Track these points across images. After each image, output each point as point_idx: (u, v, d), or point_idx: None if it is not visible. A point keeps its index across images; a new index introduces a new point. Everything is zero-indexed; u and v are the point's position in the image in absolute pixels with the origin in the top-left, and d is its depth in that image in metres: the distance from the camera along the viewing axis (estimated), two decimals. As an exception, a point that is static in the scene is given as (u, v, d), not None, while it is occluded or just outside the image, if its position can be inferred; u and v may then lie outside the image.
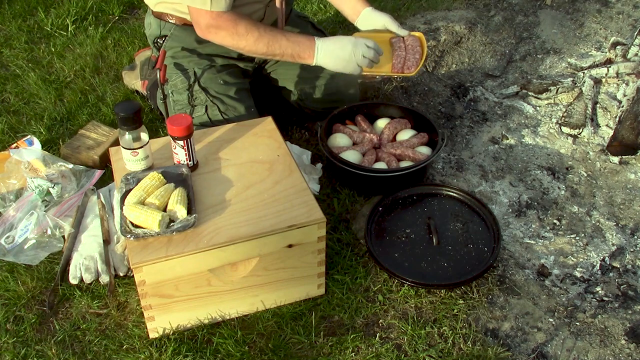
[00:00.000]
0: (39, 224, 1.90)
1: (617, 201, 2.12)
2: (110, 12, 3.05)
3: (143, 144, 1.69)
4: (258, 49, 1.93)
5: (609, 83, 2.46)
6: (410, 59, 2.10)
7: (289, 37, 1.95)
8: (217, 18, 1.87)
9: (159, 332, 1.66)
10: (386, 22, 2.18)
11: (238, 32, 1.89)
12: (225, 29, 1.89)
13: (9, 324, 1.72)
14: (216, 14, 1.86)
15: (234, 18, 1.89)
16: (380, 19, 2.19)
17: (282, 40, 1.93)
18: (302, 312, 1.73)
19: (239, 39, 1.90)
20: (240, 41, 1.91)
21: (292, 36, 1.96)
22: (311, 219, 1.62)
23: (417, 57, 2.10)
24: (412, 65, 2.09)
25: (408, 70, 2.09)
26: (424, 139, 2.17)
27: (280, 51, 1.94)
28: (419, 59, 2.10)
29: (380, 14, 2.19)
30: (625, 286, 1.83)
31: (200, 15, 1.88)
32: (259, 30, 1.91)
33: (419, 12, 3.03)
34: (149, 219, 1.53)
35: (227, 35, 1.90)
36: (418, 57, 2.11)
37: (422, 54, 2.13)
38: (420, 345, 1.66)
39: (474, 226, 1.94)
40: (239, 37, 1.90)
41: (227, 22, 1.88)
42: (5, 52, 2.78)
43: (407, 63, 2.10)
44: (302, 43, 1.95)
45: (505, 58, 2.77)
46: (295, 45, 1.95)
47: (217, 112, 2.06)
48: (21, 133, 2.31)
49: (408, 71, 2.09)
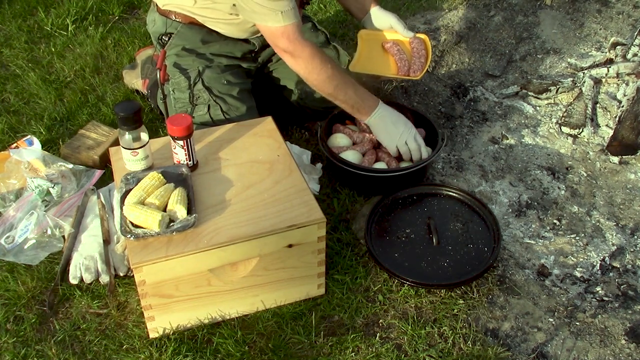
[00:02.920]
0: (39, 224, 1.90)
1: (617, 201, 2.12)
2: (110, 12, 3.04)
3: (143, 144, 1.69)
4: (324, 88, 1.95)
5: (609, 83, 2.46)
6: (416, 63, 2.13)
7: (356, 90, 1.98)
8: (296, 43, 1.86)
9: (159, 332, 1.66)
10: (392, 22, 2.20)
11: (313, 66, 1.90)
12: (301, 58, 1.89)
13: (9, 324, 1.72)
14: (292, 36, 1.84)
15: (312, 50, 1.88)
16: (386, 19, 2.21)
17: (350, 89, 1.96)
18: (302, 312, 1.73)
19: (310, 72, 1.91)
20: (311, 74, 1.92)
21: (360, 89, 1.99)
22: (311, 219, 1.62)
23: (423, 61, 2.13)
24: (417, 69, 2.11)
25: (414, 74, 2.11)
26: (422, 135, 2.17)
27: (344, 99, 1.97)
28: (424, 63, 2.12)
29: (387, 14, 2.21)
30: (625, 286, 1.83)
31: (276, 37, 1.87)
32: (333, 70, 1.92)
33: (419, 12, 3.03)
34: (149, 219, 1.53)
35: (301, 65, 1.90)
36: (423, 60, 2.13)
37: (427, 57, 2.15)
38: (420, 345, 1.66)
39: (474, 226, 1.94)
40: (312, 70, 1.91)
41: (305, 52, 1.88)
42: (5, 52, 2.78)
43: (413, 67, 2.12)
44: (366, 101, 2.00)
45: (505, 58, 2.77)
46: (360, 100, 1.99)
47: (219, 112, 2.06)
48: (21, 133, 2.31)
49: (414, 75, 2.11)
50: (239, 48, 2.13)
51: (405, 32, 2.20)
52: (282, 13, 1.81)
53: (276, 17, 1.82)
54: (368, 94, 2.02)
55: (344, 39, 2.84)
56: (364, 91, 2.01)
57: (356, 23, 2.88)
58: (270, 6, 1.80)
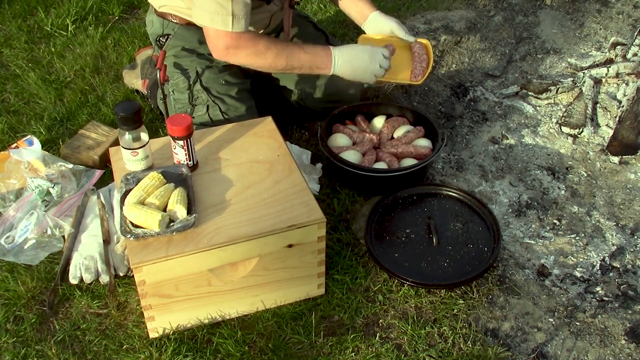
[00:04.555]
0: (39, 224, 1.90)
1: (617, 201, 2.12)
2: (110, 12, 3.04)
3: (143, 144, 1.69)
4: (278, 64, 1.94)
5: (609, 83, 2.46)
6: (417, 67, 2.11)
7: (306, 50, 1.96)
8: (237, 39, 1.87)
9: (159, 332, 1.66)
10: (393, 27, 2.18)
11: (258, 51, 1.90)
12: (245, 48, 1.89)
13: (9, 324, 1.72)
14: (236, 34, 1.85)
15: (253, 37, 1.89)
16: (387, 24, 2.19)
17: (300, 53, 1.94)
18: (302, 312, 1.73)
19: (258, 57, 1.91)
20: (259, 59, 1.92)
21: (309, 48, 1.97)
22: (311, 219, 1.62)
23: (424, 66, 2.12)
24: (418, 73, 2.10)
25: (415, 78, 2.10)
26: (421, 132, 2.17)
27: (299, 64, 1.96)
28: (426, 68, 2.11)
29: (388, 19, 2.19)
30: (625, 286, 1.83)
31: (218, 37, 1.87)
32: (277, 46, 1.92)
33: (419, 12, 3.03)
34: (149, 219, 1.53)
35: (248, 54, 1.90)
36: (425, 65, 2.12)
37: (428, 62, 2.14)
38: (420, 345, 1.66)
39: (474, 226, 1.94)
40: (259, 55, 1.91)
41: (247, 42, 1.88)
42: (5, 52, 2.78)
43: (414, 71, 2.11)
44: (319, 54, 1.97)
45: (505, 58, 2.77)
46: (313, 56, 1.96)
47: (218, 112, 2.06)
48: (21, 133, 2.31)
49: (415, 80, 2.10)
50: None
51: (406, 36, 2.18)
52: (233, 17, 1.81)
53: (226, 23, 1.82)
54: (317, 47, 1.99)
55: (344, 39, 2.84)
56: (313, 47, 1.98)
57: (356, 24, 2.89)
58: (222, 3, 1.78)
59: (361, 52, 1.99)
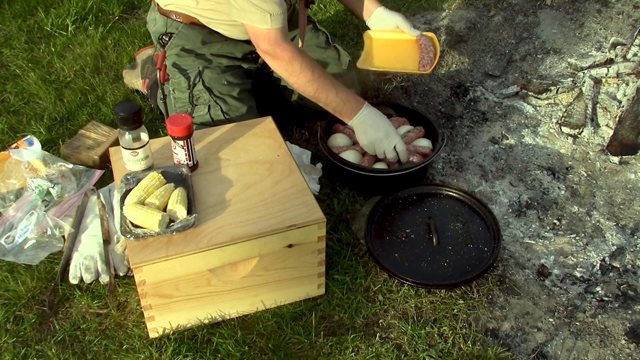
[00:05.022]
0: (39, 224, 1.90)
1: (617, 201, 2.12)
2: (110, 12, 3.04)
3: (143, 144, 1.69)
4: (305, 90, 1.95)
5: (609, 83, 2.46)
6: (425, 58, 2.17)
7: (338, 92, 1.96)
8: (276, 46, 1.87)
9: (159, 332, 1.66)
10: (399, 22, 2.21)
11: (292, 69, 1.90)
12: (281, 60, 1.90)
13: (9, 324, 1.72)
14: (274, 40, 1.86)
15: (292, 54, 1.89)
16: (392, 19, 2.22)
17: (331, 92, 1.95)
18: (302, 312, 1.73)
19: (290, 75, 1.92)
20: (291, 77, 1.92)
21: (342, 92, 1.97)
22: (311, 219, 1.62)
23: (432, 56, 2.17)
24: (427, 63, 2.16)
25: (423, 68, 2.15)
26: (421, 132, 2.17)
27: (326, 101, 1.97)
28: (433, 58, 2.15)
29: (392, 14, 2.22)
30: (625, 286, 1.83)
31: (259, 38, 1.88)
32: (313, 73, 1.92)
33: (419, 12, 3.03)
34: (149, 219, 1.53)
35: (281, 66, 1.91)
36: (432, 55, 2.16)
37: (435, 52, 2.18)
38: (420, 345, 1.66)
39: (474, 226, 1.94)
40: (292, 73, 1.91)
41: (285, 54, 1.88)
42: (5, 52, 2.78)
43: (422, 61, 2.15)
44: (349, 104, 1.98)
45: (505, 58, 2.77)
46: (342, 103, 1.97)
47: (219, 112, 2.06)
48: (21, 133, 2.31)
49: (423, 69, 2.15)
50: (239, 49, 2.13)
51: (412, 31, 2.22)
52: (270, 16, 1.81)
53: (264, 19, 1.82)
54: (353, 96, 2.00)
55: (344, 39, 2.84)
56: (348, 94, 1.98)
57: (356, 23, 2.89)
58: (260, 6, 1.81)
59: (381, 127, 1.99)
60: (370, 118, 2.00)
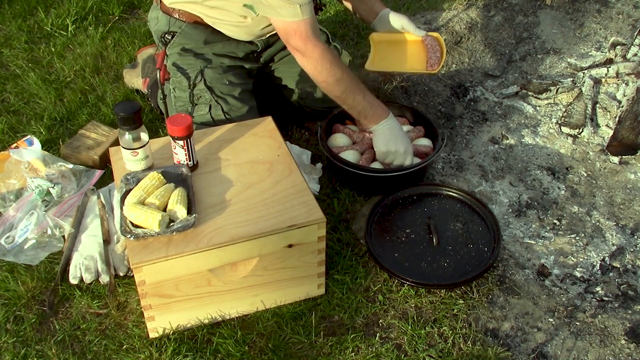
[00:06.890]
0: (39, 224, 1.90)
1: (617, 201, 2.12)
2: (110, 12, 3.04)
3: (143, 144, 1.69)
4: (333, 90, 1.95)
5: (609, 83, 2.46)
6: (433, 58, 2.20)
7: (366, 96, 1.97)
8: (307, 42, 1.85)
9: (159, 332, 1.66)
10: (404, 23, 2.24)
11: (322, 67, 1.89)
12: (310, 58, 1.89)
13: (9, 324, 1.72)
14: (305, 34, 1.84)
15: (322, 52, 1.87)
16: (398, 21, 2.24)
17: (359, 95, 1.95)
18: (302, 312, 1.73)
19: (319, 73, 1.91)
20: (320, 75, 1.92)
21: (369, 96, 1.98)
22: (311, 219, 1.62)
23: (438, 55, 2.19)
24: (434, 63, 2.19)
25: (431, 68, 2.18)
26: (421, 132, 2.18)
27: (352, 103, 1.97)
28: (440, 57, 2.16)
29: (398, 16, 2.24)
30: (625, 286, 1.83)
31: (289, 34, 1.86)
32: (343, 73, 1.91)
33: (419, 12, 3.04)
34: (149, 219, 1.53)
35: (310, 64, 1.90)
36: (439, 55, 2.18)
37: (442, 52, 2.22)
38: (420, 345, 1.66)
39: (474, 226, 1.94)
40: (320, 72, 1.91)
41: (315, 52, 1.87)
42: (5, 52, 2.78)
43: (430, 61, 2.18)
44: (375, 109, 1.99)
45: (505, 58, 2.77)
46: (369, 107, 1.98)
47: (220, 112, 2.06)
48: (21, 133, 2.31)
49: (431, 69, 2.18)
50: (241, 48, 2.13)
51: (417, 31, 2.24)
52: (300, 7, 1.80)
53: (294, 11, 1.81)
54: (379, 103, 2.01)
55: (344, 39, 2.84)
56: (375, 99, 2.00)
57: (356, 23, 2.90)
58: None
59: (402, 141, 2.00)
60: (396, 128, 2.01)
